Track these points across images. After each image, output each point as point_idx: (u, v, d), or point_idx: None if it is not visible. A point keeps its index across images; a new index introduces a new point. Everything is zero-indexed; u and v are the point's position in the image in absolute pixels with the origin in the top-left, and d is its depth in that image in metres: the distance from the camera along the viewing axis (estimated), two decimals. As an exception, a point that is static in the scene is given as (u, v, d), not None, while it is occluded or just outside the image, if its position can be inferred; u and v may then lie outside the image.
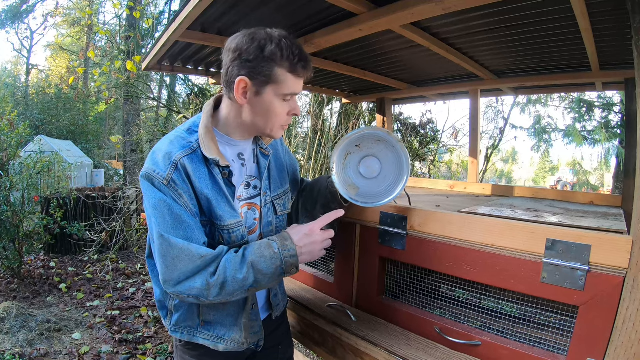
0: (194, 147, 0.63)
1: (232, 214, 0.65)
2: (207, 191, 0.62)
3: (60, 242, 3.31)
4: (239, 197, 0.70)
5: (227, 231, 0.64)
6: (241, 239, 0.66)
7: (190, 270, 0.57)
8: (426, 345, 0.74)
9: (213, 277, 0.58)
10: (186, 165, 0.61)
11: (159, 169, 0.59)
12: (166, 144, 0.63)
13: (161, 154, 0.61)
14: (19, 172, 2.89)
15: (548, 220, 0.83)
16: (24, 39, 13.19)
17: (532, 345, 0.67)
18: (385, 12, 0.96)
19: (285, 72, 0.60)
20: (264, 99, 0.62)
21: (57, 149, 5.57)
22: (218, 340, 0.68)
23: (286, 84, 0.61)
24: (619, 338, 0.56)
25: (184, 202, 0.60)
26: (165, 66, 1.73)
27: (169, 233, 0.58)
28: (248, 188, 0.72)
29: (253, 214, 0.72)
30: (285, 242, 0.61)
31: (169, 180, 0.59)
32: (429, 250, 0.77)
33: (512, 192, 1.63)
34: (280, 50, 0.59)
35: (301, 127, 5.35)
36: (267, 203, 0.74)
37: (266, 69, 0.59)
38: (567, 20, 0.96)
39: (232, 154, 0.69)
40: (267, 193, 0.74)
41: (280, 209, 0.77)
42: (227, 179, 0.65)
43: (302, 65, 0.61)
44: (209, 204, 0.63)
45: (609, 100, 4.90)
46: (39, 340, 1.89)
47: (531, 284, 0.63)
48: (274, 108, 0.63)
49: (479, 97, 1.87)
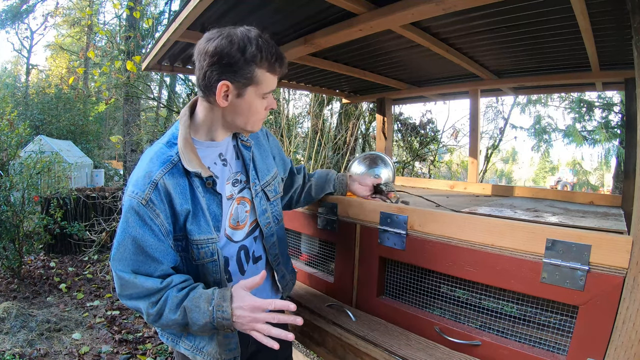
0: (174, 160, 0.63)
1: (205, 230, 0.65)
2: (186, 205, 0.63)
3: (60, 242, 3.31)
4: (230, 197, 0.71)
5: (196, 246, 0.64)
6: (210, 256, 0.66)
7: (136, 295, 0.62)
8: (426, 345, 0.74)
9: (153, 308, 0.61)
10: (166, 184, 0.62)
11: (138, 190, 0.61)
12: (146, 162, 0.64)
13: (142, 173, 0.62)
14: (19, 172, 2.89)
15: (548, 220, 0.83)
16: (24, 39, 13.20)
17: (532, 345, 0.67)
18: (385, 12, 0.96)
19: (265, 72, 0.62)
20: (245, 100, 0.63)
21: (57, 149, 5.57)
22: (197, 352, 0.68)
23: (266, 83, 0.63)
24: (619, 338, 0.56)
25: (160, 222, 0.61)
26: (166, 66, 1.73)
27: (123, 263, 0.61)
28: (237, 184, 0.73)
29: (243, 207, 0.73)
30: (223, 304, 0.59)
31: (147, 200, 0.60)
32: (429, 250, 0.76)
33: (512, 192, 1.63)
34: (260, 51, 0.60)
35: (301, 127, 5.35)
36: (258, 192, 0.75)
37: (247, 71, 0.60)
38: (567, 20, 0.96)
39: (213, 157, 0.70)
40: (255, 183, 0.75)
41: (272, 194, 0.79)
42: (212, 188, 0.66)
43: (279, 64, 0.63)
44: (185, 218, 0.64)
45: (609, 100, 4.90)
46: (39, 340, 1.89)
47: (531, 284, 0.63)
48: (255, 107, 0.65)
49: (479, 97, 1.87)
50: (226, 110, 0.65)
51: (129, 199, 0.61)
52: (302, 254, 1.20)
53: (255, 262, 0.77)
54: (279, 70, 0.64)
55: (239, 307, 0.59)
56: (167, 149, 0.65)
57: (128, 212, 0.61)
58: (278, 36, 1.35)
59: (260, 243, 0.78)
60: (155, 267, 0.62)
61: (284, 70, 0.66)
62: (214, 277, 0.67)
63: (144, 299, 0.61)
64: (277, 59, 0.62)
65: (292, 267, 0.90)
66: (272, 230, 0.79)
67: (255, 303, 0.59)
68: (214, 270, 0.67)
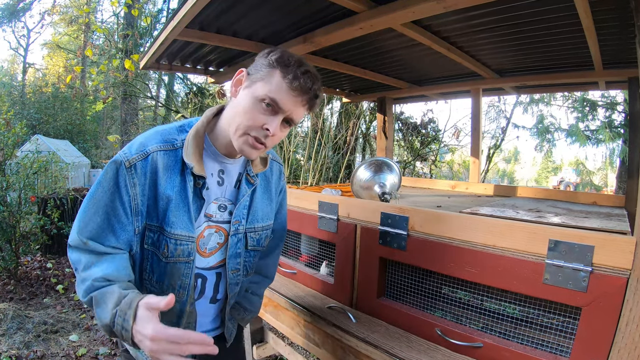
0: (176, 145, 0.61)
1: (187, 226, 0.60)
2: (170, 192, 0.59)
3: (57, 242, 3.28)
4: (210, 217, 0.65)
5: (174, 241, 0.59)
6: (187, 256, 0.61)
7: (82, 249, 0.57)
8: (427, 347, 0.73)
9: (85, 271, 0.56)
10: (158, 160, 0.59)
11: (127, 151, 0.59)
12: (149, 133, 0.62)
13: (138, 141, 0.60)
14: (15, 172, 2.86)
15: (550, 220, 0.83)
16: (21, 37, 13.08)
17: (535, 347, 0.66)
18: (386, 10, 0.95)
19: (282, 80, 0.57)
20: (248, 93, 0.59)
21: (54, 148, 5.52)
22: (139, 349, 0.61)
23: (277, 88, 0.57)
24: (622, 340, 0.55)
25: (133, 194, 0.57)
26: (164, 65, 1.71)
27: (82, 224, 0.57)
28: (223, 212, 0.66)
29: (218, 237, 0.66)
30: (128, 311, 0.50)
31: (132, 164, 0.57)
32: (430, 250, 0.76)
33: (514, 192, 1.63)
34: (288, 61, 0.58)
35: (301, 127, 5.33)
36: (238, 233, 0.67)
37: (267, 68, 0.58)
38: (570, 19, 0.95)
39: (213, 168, 0.65)
40: (240, 222, 0.67)
41: (253, 243, 0.70)
42: (199, 189, 0.61)
43: (301, 85, 0.57)
44: (166, 206, 0.59)
45: (612, 100, 4.83)
46: (35, 342, 1.87)
47: (533, 285, 0.62)
48: (252, 107, 0.58)
49: (481, 96, 1.86)
50: (230, 105, 0.62)
51: (115, 156, 0.58)
52: (301, 255, 1.20)
53: (214, 302, 0.69)
54: (299, 91, 0.57)
55: (138, 332, 0.49)
56: (176, 132, 0.62)
57: (108, 166, 0.58)
58: (277, 35, 1.34)
59: (224, 285, 0.69)
60: (108, 238, 0.57)
61: (306, 101, 0.59)
62: (182, 281, 0.61)
63: (87, 255, 0.56)
64: (303, 79, 0.57)
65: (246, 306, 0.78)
66: (238, 280, 0.70)
67: (159, 334, 0.47)
68: (186, 272, 0.61)
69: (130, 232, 0.59)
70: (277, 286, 1.07)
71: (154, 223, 0.60)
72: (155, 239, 0.60)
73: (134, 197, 0.58)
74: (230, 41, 1.35)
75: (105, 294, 0.53)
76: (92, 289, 0.55)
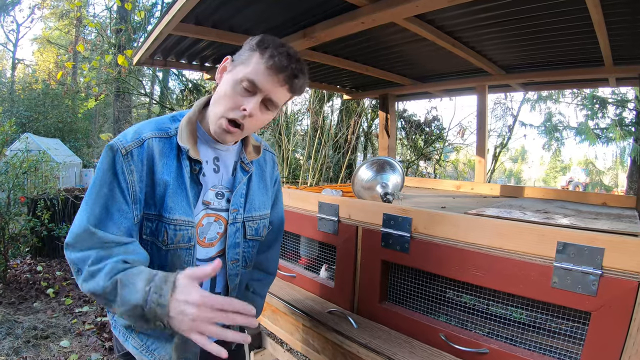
0: (170, 133, 0.61)
1: (186, 211, 0.60)
2: (167, 177, 0.59)
3: (47, 245, 3.20)
4: (208, 204, 0.64)
5: (174, 227, 0.58)
6: (188, 241, 0.60)
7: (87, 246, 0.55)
8: (431, 353, 0.72)
9: (95, 265, 0.53)
10: (153, 147, 0.59)
11: (123, 138, 0.58)
12: (143, 123, 0.62)
13: (133, 129, 0.61)
14: (4, 172, 2.78)
15: (559, 222, 0.82)
16: (10, 32, 12.76)
17: (542, 354, 0.65)
18: (388, 4, 0.92)
19: (259, 59, 0.58)
20: (229, 77, 0.60)
21: (44, 147, 5.39)
22: (147, 352, 0.61)
23: (253, 68, 0.57)
24: (633, 346, 0.54)
25: (131, 180, 0.57)
26: (158, 60, 1.66)
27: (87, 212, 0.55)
28: (221, 199, 0.66)
29: (218, 226, 0.66)
30: (163, 286, 0.48)
31: (128, 151, 0.57)
32: (434, 253, 0.74)
33: (521, 192, 1.61)
34: (267, 43, 0.58)
35: (300, 125, 5.29)
36: (237, 222, 0.67)
37: (248, 52, 0.59)
38: (579, 13, 0.93)
39: (207, 155, 0.65)
40: (238, 211, 0.67)
41: (251, 233, 0.69)
42: (195, 174, 0.62)
43: (277, 61, 0.57)
44: (164, 191, 0.58)
45: (623, 97, 4.65)
46: (25, 348, 1.81)
47: (541, 288, 0.61)
48: (229, 88, 0.59)
49: (487, 93, 1.83)
50: (215, 93, 0.63)
51: (111, 142, 0.57)
52: (301, 258, 1.17)
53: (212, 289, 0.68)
54: (277, 70, 0.57)
55: (183, 301, 0.46)
56: (169, 121, 0.63)
57: (104, 154, 0.57)
58: (276, 29, 1.30)
59: (223, 277, 0.68)
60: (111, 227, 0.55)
61: (284, 80, 0.58)
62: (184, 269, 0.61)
63: (96, 249, 0.54)
64: (279, 57, 0.56)
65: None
66: (238, 271, 0.69)
67: (206, 299, 0.46)
68: (187, 260, 0.61)
69: (130, 219, 0.57)
70: (275, 290, 1.04)
71: (152, 212, 0.59)
72: (154, 228, 0.59)
73: (132, 184, 0.57)
74: (227, 36, 1.31)
75: (132, 274, 0.51)
76: (116, 271, 0.52)
